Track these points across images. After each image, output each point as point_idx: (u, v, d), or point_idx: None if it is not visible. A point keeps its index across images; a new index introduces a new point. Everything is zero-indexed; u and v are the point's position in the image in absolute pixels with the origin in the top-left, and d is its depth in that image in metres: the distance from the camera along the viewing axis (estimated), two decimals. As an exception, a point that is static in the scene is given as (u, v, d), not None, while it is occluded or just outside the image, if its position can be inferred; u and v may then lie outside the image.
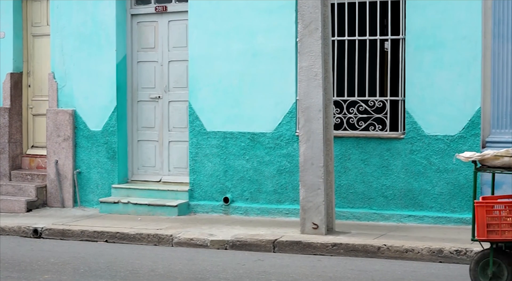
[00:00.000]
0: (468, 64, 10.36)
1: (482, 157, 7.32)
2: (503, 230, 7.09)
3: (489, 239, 7.18)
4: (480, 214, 7.14)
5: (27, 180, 13.20)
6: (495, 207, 7.21)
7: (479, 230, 7.17)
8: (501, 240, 7.18)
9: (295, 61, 10.98)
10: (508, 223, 7.08)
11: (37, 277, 8.34)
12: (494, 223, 7.11)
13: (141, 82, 12.61)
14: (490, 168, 7.35)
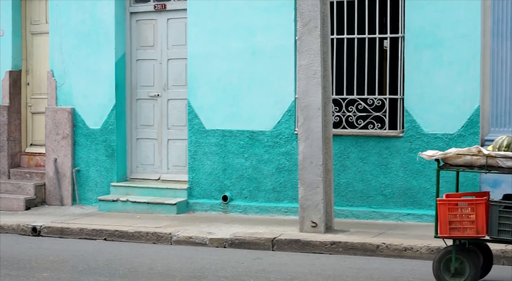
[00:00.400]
0: (467, 62, 10.36)
1: (444, 155, 7.43)
2: (465, 227, 7.21)
3: (451, 236, 7.30)
4: (443, 212, 7.27)
5: (26, 178, 13.20)
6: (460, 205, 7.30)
7: (442, 227, 7.29)
8: (463, 237, 7.31)
9: (294, 60, 10.97)
10: (470, 220, 7.20)
11: (36, 275, 8.34)
12: (456, 220, 7.24)
13: (140, 80, 12.61)
14: (453, 166, 7.45)
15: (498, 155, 7.25)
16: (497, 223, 7.15)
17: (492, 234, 7.22)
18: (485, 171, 7.29)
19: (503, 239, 7.21)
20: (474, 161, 7.35)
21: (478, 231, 7.21)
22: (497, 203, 7.21)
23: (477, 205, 7.19)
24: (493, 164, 7.27)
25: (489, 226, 7.21)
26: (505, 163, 7.24)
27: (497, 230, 7.17)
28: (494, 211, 7.17)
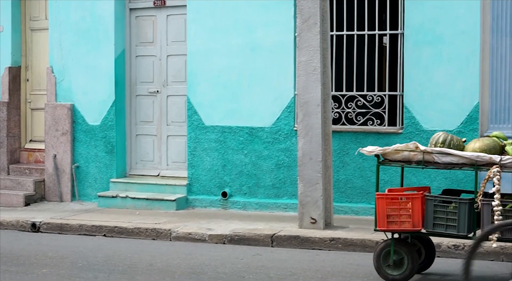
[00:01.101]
0: (467, 59, 10.36)
1: (383, 151, 7.62)
2: (402, 220, 7.40)
3: (389, 229, 7.49)
4: (381, 206, 7.46)
5: (25, 174, 13.20)
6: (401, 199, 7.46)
7: (380, 221, 7.48)
8: (400, 230, 7.51)
9: (294, 56, 10.97)
10: (407, 214, 7.37)
11: (36, 271, 8.35)
12: (394, 214, 7.42)
13: (140, 76, 12.60)
14: (392, 161, 7.64)
15: (434, 151, 7.43)
16: (432, 216, 7.35)
17: (428, 227, 7.40)
18: (422, 166, 7.49)
19: (437, 232, 7.41)
20: (412, 157, 7.53)
21: (414, 225, 7.39)
22: (432, 197, 7.39)
23: (413, 200, 7.38)
24: (429, 160, 7.46)
25: (425, 220, 7.40)
26: (441, 159, 7.42)
27: (432, 223, 7.37)
28: (429, 205, 7.37)
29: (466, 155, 7.31)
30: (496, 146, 7.43)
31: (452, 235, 7.37)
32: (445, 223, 7.33)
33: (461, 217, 7.24)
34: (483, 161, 7.26)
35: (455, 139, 7.54)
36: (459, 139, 7.58)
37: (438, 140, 7.56)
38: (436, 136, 7.62)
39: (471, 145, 7.48)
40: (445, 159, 7.41)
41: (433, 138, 7.65)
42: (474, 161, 7.28)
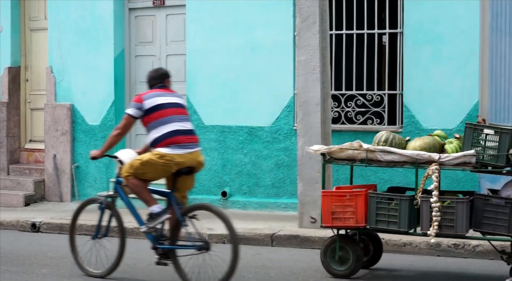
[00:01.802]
0: (466, 58, 10.36)
1: (329, 149, 7.84)
2: (347, 217, 7.61)
3: (334, 226, 7.72)
4: (326, 203, 7.69)
5: (25, 174, 13.20)
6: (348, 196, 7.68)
7: (325, 217, 7.71)
8: (344, 227, 7.73)
9: (293, 55, 10.97)
10: (351, 211, 7.58)
11: (36, 271, 8.35)
12: (338, 211, 7.63)
13: (139, 76, 12.59)
14: (337, 160, 7.85)
15: (377, 149, 7.60)
16: (375, 213, 7.53)
17: (371, 223, 7.60)
18: (365, 164, 7.68)
19: (380, 228, 7.59)
20: (356, 155, 7.72)
21: (357, 221, 7.61)
22: (374, 195, 7.58)
23: (356, 197, 7.59)
24: (372, 158, 7.64)
25: (368, 217, 7.59)
26: (383, 157, 7.59)
27: (375, 220, 7.55)
28: (372, 202, 7.56)
29: (406, 153, 7.49)
30: (436, 145, 7.60)
31: (394, 230, 7.56)
32: (387, 219, 7.51)
33: (402, 213, 7.43)
34: (423, 159, 7.45)
35: (397, 138, 7.71)
36: (401, 138, 7.74)
37: (381, 139, 7.72)
38: (379, 135, 7.78)
39: (412, 144, 7.64)
40: (387, 157, 7.59)
41: (376, 137, 7.80)
42: (414, 159, 7.46)
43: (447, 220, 7.29)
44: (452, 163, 7.40)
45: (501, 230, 7.21)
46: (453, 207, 7.27)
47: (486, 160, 7.29)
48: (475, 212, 7.33)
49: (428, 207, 7.31)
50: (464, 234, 7.33)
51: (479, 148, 7.30)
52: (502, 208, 7.18)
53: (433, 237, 7.28)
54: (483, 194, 7.52)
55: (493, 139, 7.23)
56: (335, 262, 7.82)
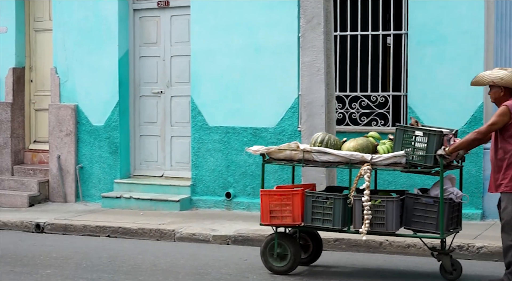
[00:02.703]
0: (470, 59, 10.35)
1: (268, 150, 8.10)
2: (283, 215, 7.87)
3: (271, 224, 7.99)
4: (264, 202, 7.98)
5: (29, 175, 13.21)
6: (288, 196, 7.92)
7: (263, 216, 8.01)
8: (281, 225, 7.99)
9: (297, 56, 10.97)
10: (288, 209, 7.83)
11: (40, 272, 8.35)
12: (276, 209, 7.89)
13: (143, 77, 12.61)
14: (276, 160, 8.11)
15: (313, 150, 7.89)
16: (311, 212, 7.81)
17: (307, 221, 7.87)
18: (302, 164, 7.94)
19: (316, 226, 7.87)
20: (293, 155, 7.99)
21: (294, 219, 7.86)
22: (310, 194, 7.85)
23: (293, 196, 7.85)
24: (309, 158, 7.91)
25: (304, 215, 7.85)
26: (319, 157, 7.87)
27: (310, 218, 7.83)
28: (308, 201, 7.83)
29: (341, 154, 7.77)
30: (369, 145, 7.87)
31: (328, 228, 7.82)
32: (322, 218, 7.79)
33: (336, 211, 7.71)
34: (356, 159, 7.71)
35: (332, 139, 7.99)
36: (337, 139, 8.01)
37: (317, 140, 7.99)
38: (316, 136, 8.05)
39: (346, 145, 7.92)
40: (323, 157, 7.86)
41: (313, 138, 8.07)
42: (348, 159, 7.73)
43: (378, 218, 7.57)
44: (383, 163, 7.65)
45: (430, 227, 7.54)
46: (383, 205, 7.54)
47: (415, 161, 7.57)
48: (406, 211, 7.65)
49: (360, 205, 7.58)
50: (394, 231, 7.60)
51: (410, 149, 7.56)
52: (431, 207, 7.51)
53: (364, 235, 7.53)
54: (413, 193, 7.76)
55: (422, 140, 7.50)
56: (273, 258, 8.08)
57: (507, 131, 7.27)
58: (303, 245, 8.43)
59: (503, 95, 7.37)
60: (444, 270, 7.76)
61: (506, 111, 7.22)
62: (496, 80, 7.36)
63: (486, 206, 10.36)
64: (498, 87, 7.38)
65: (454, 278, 7.72)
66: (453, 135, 7.69)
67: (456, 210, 7.81)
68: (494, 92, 7.44)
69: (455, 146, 7.47)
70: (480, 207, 10.37)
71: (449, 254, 7.79)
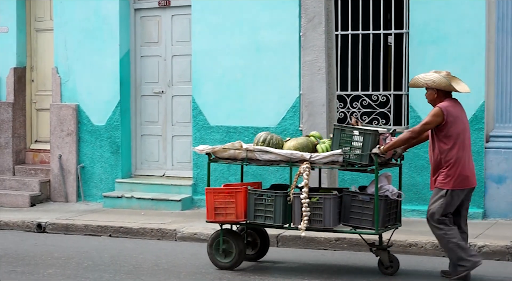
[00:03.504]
0: (472, 58, 10.34)
1: (213, 149, 8.33)
2: (227, 212, 8.10)
3: (216, 221, 8.22)
4: (209, 199, 8.19)
5: (30, 175, 13.21)
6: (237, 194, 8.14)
7: (208, 213, 8.21)
8: (225, 222, 8.22)
9: (299, 56, 10.97)
10: (232, 206, 8.06)
11: (41, 272, 8.36)
12: (221, 206, 8.12)
13: (145, 77, 12.61)
14: (221, 159, 8.33)
15: (256, 149, 8.11)
16: (253, 209, 8.04)
17: (250, 218, 8.10)
18: (245, 163, 8.16)
19: (258, 223, 8.10)
20: (237, 155, 8.22)
21: (237, 216, 8.10)
22: (253, 191, 8.06)
23: (236, 193, 8.08)
24: (252, 157, 8.14)
25: (248, 212, 8.08)
26: (262, 156, 8.10)
27: (253, 215, 8.05)
28: (250, 198, 8.06)
29: (281, 153, 7.99)
30: (309, 144, 8.11)
31: (270, 225, 8.06)
32: (264, 214, 8.01)
33: (276, 209, 7.94)
34: (296, 158, 7.94)
35: (274, 138, 8.19)
36: (279, 139, 8.22)
37: (259, 139, 8.21)
38: (259, 136, 8.26)
39: (287, 144, 8.14)
40: (265, 156, 8.08)
41: (256, 137, 8.27)
42: (288, 158, 7.97)
43: (316, 215, 7.80)
44: (321, 161, 7.87)
45: (367, 224, 7.76)
46: (321, 202, 7.77)
47: (352, 159, 7.81)
48: (344, 208, 7.88)
49: (299, 203, 7.81)
50: (331, 227, 7.84)
51: (347, 148, 7.79)
52: (368, 204, 7.74)
53: (303, 231, 7.78)
54: (351, 191, 7.94)
55: (359, 140, 7.74)
56: (219, 254, 8.30)
57: (441, 132, 7.58)
58: (251, 242, 8.68)
59: (437, 97, 7.72)
60: (382, 264, 7.99)
61: (439, 113, 7.55)
62: (429, 83, 7.71)
63: (488, 205, 10.36)
64: (432, 89, 7.73)
65: (391, 273, 7.93)
66: (390, 135, 7.94)
67: (394, 206, 8.05)
68: (429, 94, 7.79)
69: (390, 144, 7.72)
70: (481, 206, 10.36)
71: (387, 249, 8.00)
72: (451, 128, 7.54)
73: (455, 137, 7.55)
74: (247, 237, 8.65)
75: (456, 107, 7.67)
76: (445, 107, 7.57)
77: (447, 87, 7.67)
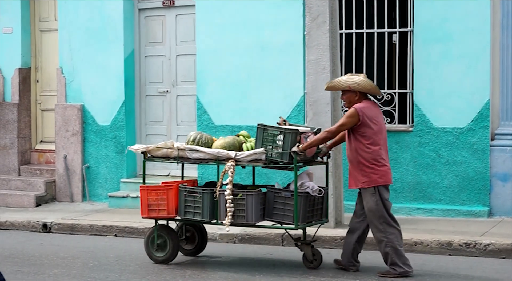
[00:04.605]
0: (477, 56, 10.33)
1: (147, 148, 8.60)
2: (160, 209, 8.38)
3: (150, 217, 8.50)
4: (143, 196, 8.47)
5: (36, 175, 13.23)
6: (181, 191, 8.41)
7: (142, 209, 8.49)
8: (158, 217, 8.51)
9: (303, 55, 10.96)
10: (164, 203, 8.35)
11: (47, 272, 8.36)
12: (153, 203, 8.41)
13: (149, 76, 12.62)
14: (156, 158, 8.60)
15: (187, 148, 8.40)
16: (184, 205, 8.35)
17: (181, 214, 8.40)
18: (177, 161, 8.46)
19: (188, 218, 8.41)
20: (169, 153, 8.50)
21: (169, 212, 8.39)
22: (183, 188, 8.35)
23: (168, 190, 8.37)
24: (183, 156, 8.41)
25: (179, 208, 8.38)
26: (192, 155, 8.38)
27: (183, 211, 8.36)
28: (181, 195, 8.36)
29: (209, 151, 8.30)
30: (236, 143, 8.41)
31: (199, 221, 8.37)
32: (193, 211, 8.31)
33: (204, 205, 8.24)
34: (223, 156, 8.24)
35: (204, 137, 8.49)
36: (208, 138, 8.51)
37: (190, 139, 8.50)
38: (189, 135, 8.56)
39: (216, 143, 8.44)
40: (195, 154, 8.37)
41: (187, 137, 8.57)
42: (216, 156, 8.27)
43: (240, 211, 8.08)
44: (246, 159, 8.16)
45: (288, 219, 8.06)
46: (244, 199, 8.05)
47: (274, 157, 8.08)
48: (267, 204, 8.18)
49: (224, 199, 8.08)
50: (254, 223, 8.13)
51: (270, 147, 8.06)
52: (290, 200, 8.02)
53: (227, 226, 8.06)
54: (274, 187, 8.21)
55: (280, 139, 8.01)
56: (154, 249, 8.59)
57: (358, 132, 7.78)
58: (189, 237, 8.99)
59: (357, 99, 7.87)
60: (305, 259, 8.28)
61: (354, 113, 7.73)
62: (352, 85, 7.85)
63: (493, 203, 10.34)
64: (353, 92, 7.87)
65: (315, 267, 8.21)
66: (312, 134, 8.17)
67: (319, 203, 8.30)
68: (349, 96, 7.93)
69: (307, 143, 7.96)
70: (487, 204, 10.35)
71: (310, 244, 8.29)
72: (367, 129, 7.73)
73: (371, 137, 7.75)
74: (186, 233, 8.96)
75: (371, 108, 7.84)
76: (360, 108, 7.74)
77: (372, 90, 7.91)
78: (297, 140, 7.98)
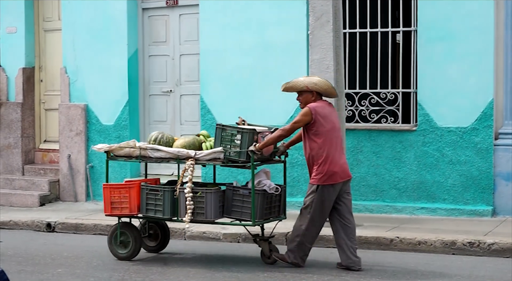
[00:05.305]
0: (480, 55, 10.32)
1: (110, 148, 8.81)
2: (123, 206, 8.58)
3: (112, 214, 8.69)
4: (106, 194, 8.65)
5: (40, 175, 13.25)
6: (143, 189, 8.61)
7: (106, 207, 8.68)
8: (120, 215, 8.69)
9: (307, 54, 10.96)
10: (126, 201, 8.55)
11: (51, 271, 8.37)
12: (116, 201, 8.59)
13: (153, 76, 12.63)
14: (119, 157, 8.79)
15: (148, 147, 8.60)
16: (145, 203, 8.54)
17: (143, 212, 8.58)
18: (139, 161, 8.64)
19: (149, 216, 8.60)
20: (132, 152, 8.71)
21: (131, 210, 8.57)
22: (144, 187, 8.55)
23: (130, 189, 8.57)
24: (145, 155, 8.62)
25: (141, 206, 8.56)
26: (153, 154, 8.57)
27: (145, 209, 8.55)
28: (143, 193, 8.56)
29: (170, 150, 8.48)
30: (196, 143, 8.61)
31: (160, 218, 8.59)
32: (155, 208, 8.51)
33: (165, 203, 8.44)
34: (183, 155, 8.43)
35: (165, 137, 8.68)
36: (169, 137, 8.70)
37: (151, 138, 8.70)
38: (151, 135, 8.77)
39: (176, 142, 8.62)
40: (156, 154, 8.56)
41: (149, 136, 8.77)
42: (176, 155, 8.45)
43: (199, 208, 8.28)
44: (205, 158, 8.38)
45: (246, 216, 8.25)
46: (203, 196, 8.24)
47: (232, 156, 8.28)
48: (226, 201, 8.36)
49: (184, 197, 8.28)
50: (213, 220, 8.31)
51: (228, 146, 8.28)
52: (247, 198, 8.22)
53: (187, 222, 8.27)
54: (233, 185, 8.41)
55: (238, 138, 8.24)
56: (117, 246, 8.79)
57: (311, 130, 7.99)
58: (152, 234, 9.19)
59: (313, 99, 8.10)
60: (263, 254, 8.48)
61: (308, 112, 7.95)
62: (310, 85, 8.08)
63: (497, 203, 10.34)
64: (310, 92, 8.10)
65: (271, 262, 8.39)
66: (269, 133, 8.37)
67: (276, 200, 8.49)
68: (305, 97, 8.15)
69: (263, 142, 8.17)
70: (491, 204, 10.34)
71: (268, 240, 8.47)
72: (320, 127, 7.92)
73: (323, 136, 7.93)
74: (149, 230, 9.15)
75: (325, 107, 8.03)
76: (313, 107, 7.94)
77: (328, 90, 8.11)
78: (254, 139, 8.18)
